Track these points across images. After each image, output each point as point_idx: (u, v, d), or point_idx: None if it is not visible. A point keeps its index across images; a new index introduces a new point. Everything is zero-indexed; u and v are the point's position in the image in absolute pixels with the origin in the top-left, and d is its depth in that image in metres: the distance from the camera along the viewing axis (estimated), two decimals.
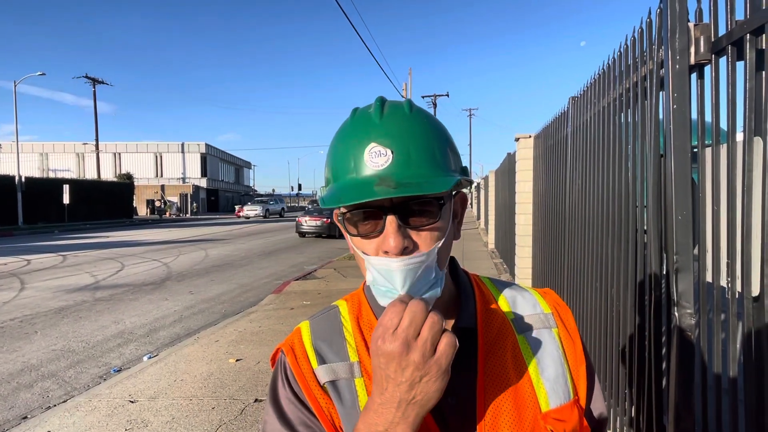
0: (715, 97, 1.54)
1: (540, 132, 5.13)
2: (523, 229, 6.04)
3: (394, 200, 0.62)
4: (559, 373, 0.72)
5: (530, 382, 0.70)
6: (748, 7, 1.35)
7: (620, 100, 2.33)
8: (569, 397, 0.71)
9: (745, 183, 1.38)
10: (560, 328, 0.76)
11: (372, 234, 0.64)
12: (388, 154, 0.62)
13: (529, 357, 0.72)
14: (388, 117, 0.66)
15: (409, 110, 0.67)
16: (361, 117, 0.68)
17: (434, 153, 0.65)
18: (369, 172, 0.62)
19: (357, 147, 0.64)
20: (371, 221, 0.64)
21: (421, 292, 0.62)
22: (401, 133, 0.64)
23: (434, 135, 0.67)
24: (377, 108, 0.67)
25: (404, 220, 0.63)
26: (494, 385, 0.69)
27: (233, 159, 59.93)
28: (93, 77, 38.27)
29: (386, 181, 0.61)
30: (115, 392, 3.77)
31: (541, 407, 0.69)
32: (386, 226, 0.62)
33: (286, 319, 5.91)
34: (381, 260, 0.63)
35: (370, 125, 0.65)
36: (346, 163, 0.65)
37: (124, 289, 8.23)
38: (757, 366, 1.37)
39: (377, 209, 0.63)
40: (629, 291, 2.23)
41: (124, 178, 38.96)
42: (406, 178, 0.61)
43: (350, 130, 0.68)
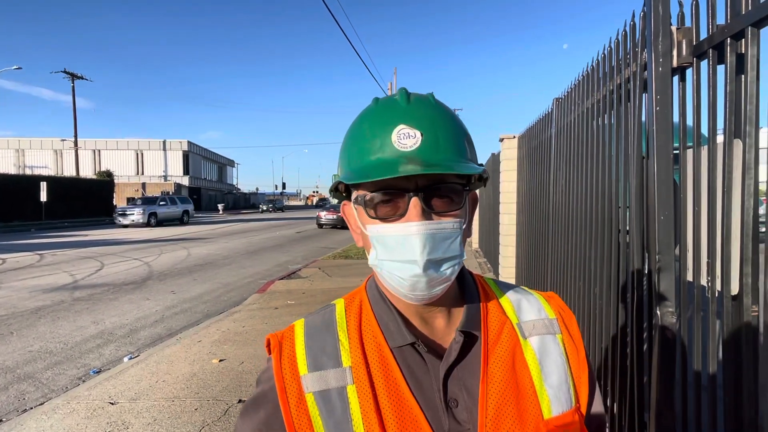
0: (696, 99, 1.57)
1: (524, 133, 5.18)
2: (507, 228, 6.09)
3: (419, 183, 0.62)
4: (563, 380, 0.71)
5: (533, 388, 0.69)
6: (729, 12, 1.38)
7: (604, 101, 2.36)
8: (571, 405, 0.70)
9: (725, 184, 1.41)
10: (564, 334, 0.75)
11: (392, 217, 0.63)
12: (417, 136, 0.62)
13: (533, 362, 0.70)
14: (415, 103, 0.66)
15: (434, 100, 0.68)
16: (387, 102, 0.68)
17: (458, 142, 0.66)
18: (397, 152, 0.62)
19: (384, 128, 0.64)
20: (393, 204, 0.63)
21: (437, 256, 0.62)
22: (429, 118, 0.64)
23: (458, 125, 0.68)
24: (403, 95, 0.67)
25: (428, 204, 0.63)
26: (497, 389, 0.67)
27: (216, 157, 59.25)
28: (72, 72, 37.40)
29: (414, 161, 0.60)
30: (94, 394, 3.69)
31: (543, 414, 0.67)
32: (410, 207, 0.62)
33: (270, 318, 5.86)
34: (401, 226, 0.62)
35: (398, 109, 0.65)
36: (371, 144, 0.64)
37: (103, 289, 8.08)
38: (736, 363, 1.41)
39: (401, 191, 0.62)
40: (611, 290, 2.26)
41: (104, 175, 38.18)
42: (434, 160, 0.61)
43: (376, 113, 0.67)
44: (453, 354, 0.67)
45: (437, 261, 0.62)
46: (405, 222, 0.62)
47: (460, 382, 0.67)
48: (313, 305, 6.47)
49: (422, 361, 0.68)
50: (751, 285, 1.35)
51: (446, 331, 0.71)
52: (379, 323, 0.71)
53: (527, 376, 0.69)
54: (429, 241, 0.61)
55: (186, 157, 48.82)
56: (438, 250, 0.62)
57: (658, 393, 1.65)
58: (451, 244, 0.63)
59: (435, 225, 0.62)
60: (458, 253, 0.64)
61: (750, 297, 1.36)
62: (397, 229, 0.63)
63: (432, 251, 0.62)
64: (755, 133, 1.33)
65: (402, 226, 0.62)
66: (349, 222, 0.75)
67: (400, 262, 0.63)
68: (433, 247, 0.62)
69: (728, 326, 1.42)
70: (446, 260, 0.63)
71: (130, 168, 47.53)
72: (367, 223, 0.66)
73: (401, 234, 0.62)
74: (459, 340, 0.68)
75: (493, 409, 0.66)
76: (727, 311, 1.42)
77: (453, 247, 0.64)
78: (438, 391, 0.66)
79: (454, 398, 0.66)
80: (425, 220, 0.61)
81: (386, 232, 0.63)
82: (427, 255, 0.61)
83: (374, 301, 0.73)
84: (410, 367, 0.68)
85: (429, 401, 0.66)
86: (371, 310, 0.73)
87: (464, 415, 0.66)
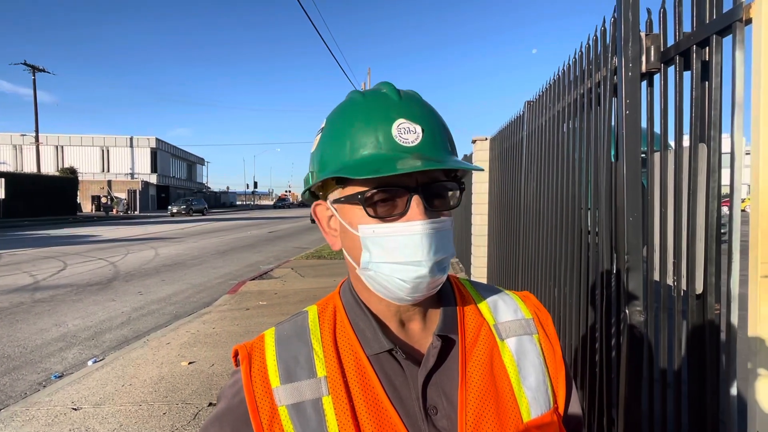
0: (663, 104, 1.61)
1: (496, 135, 5.25)
2: (479, 229, 6.16)
3: (419, 180, 0.60)
4: (540, 381, 0.70)
5: (512, 391, 0.67)
6: (695, 20, 1.43)
7: (575, 105, 2.41)
8: (549, 406, 0.69)
9: (690, 187, 1.46)
10: (541, 334, 0.74)
11: (392, 216, 0.61)
12: (417, 131, 0.60)
13: (511, 364, 0.69)
14: (408, 98, 0.64)
15: (420, 97, 0.67)
16: (377, 96, 0.65)
17: (449, 139, 0.65)
18: (398, 147, 0.59)
19: (380, 122, 0.61)
20: (392, 202, 0.61)
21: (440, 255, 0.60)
22: (424, 114, 0.63)
23: (444, 123, 0.67)
24: (392, 89, 0.64)
25: (429, 202, 0.61)
26: (476, 394, 0.65)
27: (185, 155, 58.01)
28: (33, 65, 35.98)
29: (418, 157, 0.58)
30: (56, 399, 3.55)
31: (522, 417, 0.66)
32: (412, 206, 0.60)
33: (241, 320, 5.77)
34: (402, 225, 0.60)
35: (392, 103, 0.63)
36: (366, 138, 0.61)
37: (66, 290, 7.79)
38: (699, 360, 1.45)
39: (403, 188, 0.60)
40: (581, 290, 2.31)
41: (68, 172, 36.87)
42: (436, 156, 0.60)
43: (365, 106, 0.64)
44: (431, 360, 0.66)
45: (440, 260, 0.61)
46: (407, 221, 0.60)
47: (439, 389, 0.66)
48: (285, 306, 6.40)
49: (400, 368, 0.66)
50: (714, 284, 1.40)
51: (423, 335, 0.69)
52: (355, 330, 0.68)
53: (505, 379, 0.68)
54: (434, 240, 0.60)
55: (154, 154, 47.62)
56: (441, 249, 0.61)
57: (626, 390, 1.69)
58: (449, 242, 0.63)
59: (438, 223, 0.61)
60: (453, 250, 0.64)
61: (713, 296, 1.40)
62: (398, 228, 0.60)
63: (437, 251, 0.60)
64: (719, 137, 1.38)
65: (404, 225, 0.60)
66: (321, 223, 0.71)
67: (401, 264, 0.60)
68: (438, 247, 0.60)
69: (693, 324, 1.46)
70: (446, 259, 0.62)
71: (96, 165, 46.05)
72: (360, 223, 0.62)
73: (404, 234, 0.59)
74: (437, 345, 0.66)
75: (473, 414, 0.64)
76: (692, 310, 1.47)
77: (450, 244, 0.63)
78: (417, 399, 0.64)
79: (434, 405, 0.64)
80: (428, 219, 0.60)
81: (385, 232, 0.60)
82: (433, 255, 0.59)
83: (349, 307, 0.70)
84: (388, 375, 0.66)
85: (408, 410, 0.64)
86: (346, 316, 0.70)
87: (444, 422, 0.64)
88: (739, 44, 1.25)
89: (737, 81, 1.25)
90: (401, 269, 0.60)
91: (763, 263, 1.19)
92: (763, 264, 1.19)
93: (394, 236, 0.60)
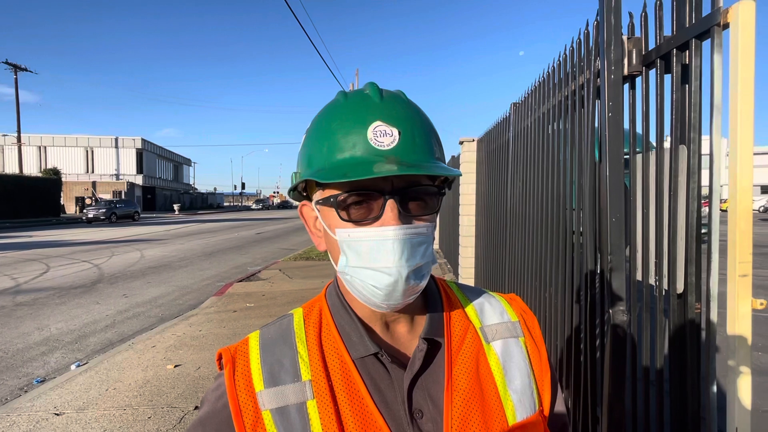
0: (645, 106, 1.64)
1: (483, 136, 5.28)
2: (467, 230, 6.19)
3: (395, 184, 0.59)
4: (526, 384, 0.70)
5: (497, 394, 0.67)
6: (675, 24, 1.46)
7: (559, 107, 2.44)
8: (535, 409, 0.69)
9: (671, 188, 1.48)
10: (527, 336, 0.74)
11: (366, 220, 0.60)
12: (394, 134, 0.59)
13: (497, 367, 0.69)
14: (389, 99, 0.62)
15: (405, 97, 0.65)
16: (358, 97, 0.63)
17: (430, 141, 0.63)
18: (373, 151, 0.58)
19: (358, 124, 0.60)
20: (366, 206, 0.59)
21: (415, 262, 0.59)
22: (404, 116, 0.61)
23: (429, 124, 0.65)
24: (374, 90, 0.63)
25: (404, 207, 0.60)
26: (462, 398, 0.65)
27: (172, 155, 57.41)
28: (14, 63, 35.33)
29: (392, 161, 0.57)
30: (37, 405, 3.49)
31: (508, 420, 0.66)
32: (386, 210, 0.58)
33: (228, 322, 5.72)
34: (375, 230, 0.58)
35: (371, 105, 0.61)
36: (343, 141, 0.60)
37: (49, 293, 7.66)
38: (681, 358, 1.48)
39: (377, 192, 0.59)
40: (566, 290, 2.34)
41: (51, 173, 36.25)
42: (412, 160, 0.58)
43: (346, 108, 0.63)
44: (417, 363, 0.65)
45: (414, 268, 0.60)
46: (380, 226, 0.59)
47: (424, 392, 0.65)
48: (273, 308, 6.37)
49: (386, 371, 0.66)
50: (694, 284, 1.43)
51: (409, 338, 0.69)
52: (340, 333, 0.68)
53: (491, 382, 0.68)
54: (407, 246, 0.58)
55: (140, 155, 47.06)
56: (415, 257, 0.59)
57: (609, 388, 1.71)
58: (426, 250, 0.61)
59: (412, 229, 0.59)
60: (431, 259, 0.62)
61: (694, 295, 1.43)
62: (370, 234, 0.59)
63: (410, 258, 0.59)
64: (699, 139, 1.41)
65: (377, 230, 0.59)
66: (308, 224, 0.71)
67: (374, 270, 0.59)
68: (411, 254, 0.59)
69: (674, 323, 1.49)
70: (422, 267, 0.61)
71: (80, 166, 45.38)
72: (337, 227, 0.62)
73: (376, 239, 0.59)
74: (423, 348, 0.66)
75: (458, 418, 0.64)
76: (673, 309, 1.49)
77: (428, 252, 0.61)
78: (403, 403, 0.64)
79: (419, 409, 0.64)
80: (402, 224, 0.58)
81: (359, 237, 0.60)
82: (405, 262, 0.58)
83: (335, 310, 0.70)
84: (373, 378, 0.65)
85: (393, 413, 0.63)
86: (332, 319, 0.69)
87: (429, 425, 0.64)
88: (717, 48, 1.27)
89: (715, 84, 1.27)
90: (374, 275, 0.59)
91: (741, 263, 1.22)
92: (741, 263, 1.22)
93: (367, 241, 0.59)
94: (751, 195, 1.21)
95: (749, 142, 1.21)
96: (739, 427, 1.26)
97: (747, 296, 1.23)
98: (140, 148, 46.86)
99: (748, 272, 1.23)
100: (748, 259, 1.22)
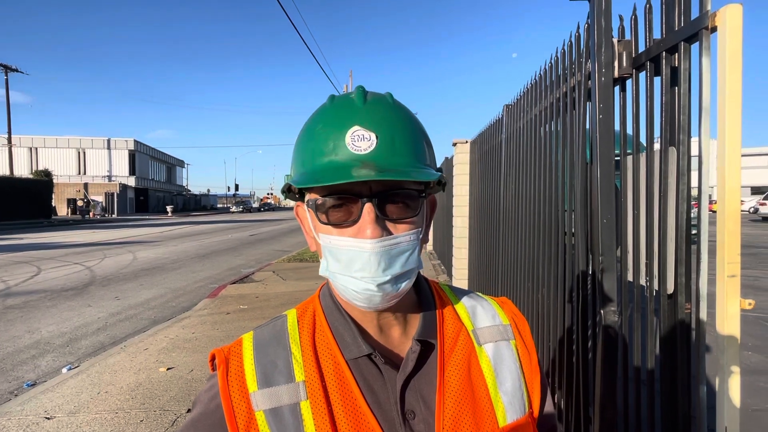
0: (635, 109, 1.65)
1: (476, 137, 5.30)
2: (460, 231, 6.21)
3: (373, 188, 0.59)
4: (516, 387, 0.71)
5: (488, 396, 0.68)
6: (664, 27, 1.47)
7: (551, 109, 2.45)
8: (525, 411, 0.70)
9: (661, 189, 1.50)
10: (518, 339, 0.75)
11: (345, 223, 0.60)
12: (372, 139, 0.59)
13: (488, 370, 0.70)
14: (372, 104, 0.63)
15: (391, 100, 0.65)
16: (342, 101, 0.64)
17: (416, 145, 0.63)
18: (350, 155, 0.59)
19: (337, 129, 0.60)
20: (345, 209, 0.60)
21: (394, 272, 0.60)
22: (385, 120, 0.62)
23: (416, 127, 0.65)
24: (360, 94, 0.63)
25: (382, 210, 0.60)
26: (453, 399, 0.66)
27: (165, 157, 57.14)
28: (4, 64, 35.04)
29: (368, 165, 0.58)
30: (28, 409, 3.46)
31: (498, 422, 0.67)
32: (363, 214, 0.59)
33: (221, 324, 5.70)
34: (353, 241, 0.59)
35: (353, 109, 0.62)
36: (323, 145, 0.61)
37: (40, 296, 7.59)
38: (671, 358, 1.49)
39: (354, 196, 0.59)
40: (558, 291, 2.35)
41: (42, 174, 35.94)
42: (390, 165, 0.59)
43: (330, 113, 0.64)
44: (410, 364, 0.66)
45: (394, 276, 0.60)
46: (357, 236, 0.59)
47: (417, 393, 0.66)
48: (266, 310, 6.35)
49: (379, 372, 0.66)
50: (684, 284, 1.44)
51: (402, 339, 0.70)
52: (334, 334, 0.68)
53: (482, 384, 0.69)
54: (384, 258, 0.59)
55: (132, 156, 46.81)
56: (394, 266, 0.60)
57: (601, 388, 1.72)
58: (408, 258, 0.62)
59: (391, 240, 0.60)
60: (415, 265, 0.62)
61: (684, 295, 1.44)
62: (349, 243, 0.60)
63: (387, 268, 0.59)
64: (688, 141, 1.42)
65: (355, 241, 0.59)
66: (303, 224, 0.72)
67: (352, 277, 0.60)
68: (389, 264, 0.59)
69: (664, 323, 1.50)
70: (403, 275, 0.61)
71: (71, 167, 45.05)
72: (320, 231, 0.63)
73: (354, 249, 0.59)
74: (416, 349, 0.67)
75: (450, 419, 0.65)
76: (664, 309, 1.50)
77: (410, 260, 0.62)
78: (395, 404, 0.64)
79: (411, 410, 0.64)
80: (379, 237, 0.58)
81: (338, 245, 0.61)
82: (382, 272, 0.59)
83: (328, 311, 0.70)
84: (366, 379, 0.66)
85: (386, 414, 0.64)
86: (325, 320, 0.70)
87: (421, 426, 0.64)
88: (706, 51, 1.29)
89: (704, 87, 1.29)
90: (353, 282, 0.60)
91: (730, 263, 1.23)
92: (729, 264, 1.23)
93: (346, 249, 0.60)
94: (739, 196, 1.23)
95: (737, 143, 1.22)
96: (729, 425, 1.27)
97: (736, 296, 1.24)
98: (133, 150, 46.61)
99: (737, 273, 1.24)
100: (737, 260, 1.23)
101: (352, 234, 0.60)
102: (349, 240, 0.60)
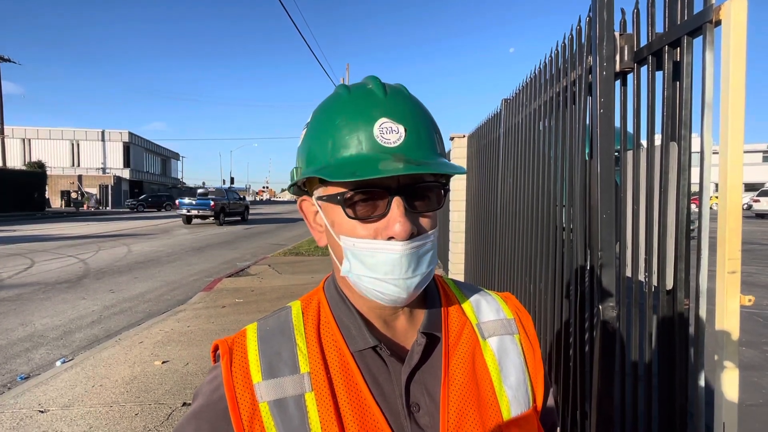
0: (636, 103, 1.64)
1: (474, 132, 5.28)
2: (457, 225, 6.20)
3: (401, 181, 0.59)
4: (521, 381, 0.71)
5: (493, 390, 0.68)
6: (667, 21, 1.46)
7: (550, 103, 2.44)
8: (529, 405, 0.70)
9: (662, 185, 1.49)
10: (521, 334, 0.75)
11: (371, 218, 0.59)
12: (400, 131, 0.59)
13: (493, 364, 0.70)
14: (393, 95, 0.62)
15: (408, 92, 0.65)
16: (361, 91, 0.62)
17: (435, 138, 0.63)
18: (380, 148, 0.58)
19: (364, 121, 0.59)
20: (372, 203, 0.59)
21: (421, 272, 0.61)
22: (409, 112, 0.61)
23: (431, 119, 0.65)
24: (378, 84, 0.62)
25: (410, 203, 0.60)
26: (458, 392, 0.66)
27: (160, 149, 56.82)
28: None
29: (399, 158, 0.57)
30: (21, 402, 3.44)
31: (503, 415, 0.67)
32: (392, 208, 0.58)
33: (216, 317, 5.68)
34: (382, 243, 0.59)
35: (376, 100, 0.60)
36: (349, 137, 0.59)
37: (33, 288, 7.54)
38: (669, 354, 1.49)
39: (383, 189, 0.58)
40: (556, 286, 2.35)
41: (35, 166, 35.67)
42: (419, 157, 0.58)
43: (351, 103, 0.62)
44: (415, 357, 0.66)
45: (422, 276, 0.61)
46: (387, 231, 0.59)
47: (422, 386, 0.66)
48: (262, 303, 6.34)
49: (384, 365, 0.66)
50: (684, 280, 1.44)
51: (408, 332, 0.70)
52: (339, 326, 0.68)
53: (487, 377, 0.69)
54: (414, 259, 0.59)
55: (127, 148, 46.52)
56: (422, 266, 0.61)
57: (599, 384, 1.72)
58: (432, 257, 0.62)
59: (419, 242, 0.60)
60: (436, 262, 0.63)
61: (683, 291, 1.44)
62: (378, 246, 0.59)
63: (417, 268, 0.60)
64: (689, 137, 1.41)
65: (383, 243, 0.59)
66: (308, 219, 0.71)
67: (380, 280, 0.60)
68: (418, 264, 0.60)
69: (663, 319, 1.50)
70: (428, 274, 0.62)
71: (65, 159, 44.73)
72: (342, 234, 0.62)
73: (384, 252, 0.59)
74: (421, 342, 0.67)
75: (455, 412, 0.65)
76: (662, 305, 1.50)
77: (433, 259, 0.63)
78: (400, 396, 0.64)
79: (416, 402, 0.64)
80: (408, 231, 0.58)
81: (365, 248, 0.60)
82: (412, 272, 0.60)
83: (333, 303, 0.70)
84: (372, 371, 0.65)
85: (391, 406, 0.64)
86: (330, 312, 0.69)
87: (426, 419, 0.64)
88: (709, 45, 1.27)
89: (707, 82, 1.27)
90: (381, 285, 0.60)
91: (730, 259, 1.22)
92: (729, 260, 1.22)
93: (374, 253, 0.60)
94: (740, 192, 1.22)
95: (740, 139, 1.21)
96: (726, 421, 1.27)
97: (735, 292, 1.24)
98: (127, 142, 46.32)
99: (737, 269, 1.23)
100: (737, 256, 1.23)
101: (378, 228, 0.59)
102: (378, 243, 0.59)
